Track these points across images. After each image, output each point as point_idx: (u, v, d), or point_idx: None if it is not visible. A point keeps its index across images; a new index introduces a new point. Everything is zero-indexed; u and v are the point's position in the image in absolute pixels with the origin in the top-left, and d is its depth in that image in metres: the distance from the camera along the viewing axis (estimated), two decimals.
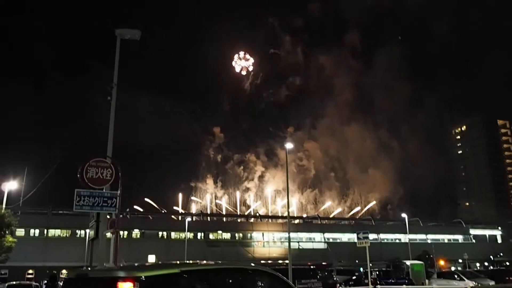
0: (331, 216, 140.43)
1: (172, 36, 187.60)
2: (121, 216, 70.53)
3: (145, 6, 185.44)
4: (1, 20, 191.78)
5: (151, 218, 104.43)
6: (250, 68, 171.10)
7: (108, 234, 21.77)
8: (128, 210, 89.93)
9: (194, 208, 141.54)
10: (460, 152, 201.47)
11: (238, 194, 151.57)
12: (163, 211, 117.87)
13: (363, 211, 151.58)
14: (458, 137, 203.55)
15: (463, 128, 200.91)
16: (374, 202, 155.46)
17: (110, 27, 28.43)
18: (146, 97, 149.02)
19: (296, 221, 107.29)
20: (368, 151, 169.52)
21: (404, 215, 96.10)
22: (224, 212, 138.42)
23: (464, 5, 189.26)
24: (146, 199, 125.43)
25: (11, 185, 47.94)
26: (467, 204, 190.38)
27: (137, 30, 28.73)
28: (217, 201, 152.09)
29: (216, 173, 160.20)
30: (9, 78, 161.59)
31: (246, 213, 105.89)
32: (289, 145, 50.34)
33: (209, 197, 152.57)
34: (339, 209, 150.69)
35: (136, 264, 7.44)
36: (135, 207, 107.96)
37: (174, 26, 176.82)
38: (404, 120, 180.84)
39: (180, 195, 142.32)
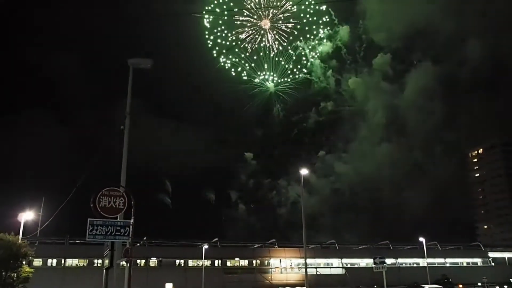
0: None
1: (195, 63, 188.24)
2: (137, 244, 70.52)
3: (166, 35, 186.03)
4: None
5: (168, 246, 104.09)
6: None
7: (123, 263, 21.84)
8: (145, 238, 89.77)
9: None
10: (477, 175, 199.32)
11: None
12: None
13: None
14: (475, 160, 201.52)
15: (480, 151, 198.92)
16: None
17: (123, 57, 28.99)
18: (173, 126, 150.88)
19: (313, 246, 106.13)
20: (399, 173, 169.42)
21: (422, 239, 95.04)
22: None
23: (497, 28, 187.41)
24: None
25: (28, 216, 48.41)
26: (486, 227, 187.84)
27: (149, 59, 29.21)
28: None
29: (249, 199, 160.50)
30: (28, 110, 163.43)
31: (270, 241, 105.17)
32: (304, 171, 50.61)
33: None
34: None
35: None
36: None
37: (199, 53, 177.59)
38: (428, 143, 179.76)
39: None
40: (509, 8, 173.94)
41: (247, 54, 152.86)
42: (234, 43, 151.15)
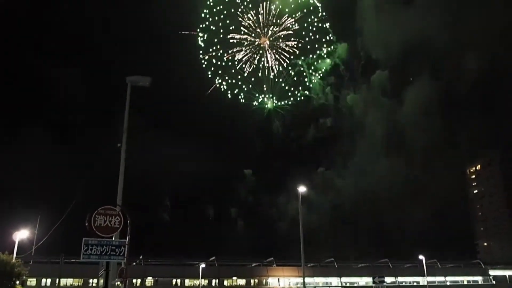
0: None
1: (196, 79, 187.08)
2: (134, 263, 69.58)
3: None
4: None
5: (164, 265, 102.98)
6: None
7: (118, 283, 21.30)
8: (141, 257, 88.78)
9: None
10: (476, 191, 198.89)
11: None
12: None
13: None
14: (473, 176, 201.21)
15: (478, 167, 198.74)
16: None
17: (122, 75, 28.72)
18: (172, 142, 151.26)
19: (311, 265, 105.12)
20: (399, 188, 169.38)
21: (421, 256, 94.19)
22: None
23: (494, 41, 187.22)
24: None
25: (23, 234, 47.76)
26: (485, 244, 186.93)
27: (148, 77, 28.96)
28: None
29: (248, 215, 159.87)
30: (26, 126, 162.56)
31: (268, 259, 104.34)
32: (301, 189, 50.07)
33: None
34: None
35: None
36: None
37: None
38: (427, 159, 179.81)
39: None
40: (507, 20, 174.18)
41: (245, 75, 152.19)
42: (230, 63, 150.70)
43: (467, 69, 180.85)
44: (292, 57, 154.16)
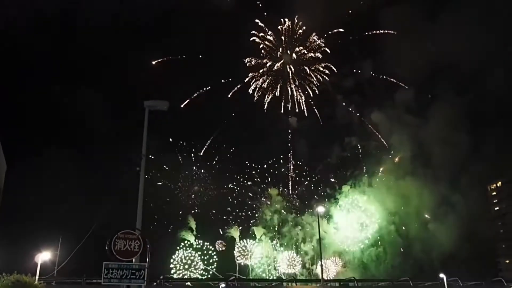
0: None
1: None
2: (154, 283, 69.71)
3: None
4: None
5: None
6: None
7: None
8: (162, 277, 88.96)
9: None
10: (497, 208, 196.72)
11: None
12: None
13: None
14: (494, 193, 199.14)
15: (499, 184, 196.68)
16: None
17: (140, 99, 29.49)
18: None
19: (331, 284, 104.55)
20: (425, 207, 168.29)
21: (442, 275, 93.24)
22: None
23: None
24: None
25: (45, 256, 48.70)
26: (508, 261, 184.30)
27: (165, 101, 29.71)
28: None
29: (274, 235, 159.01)
30: (47, 148, 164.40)
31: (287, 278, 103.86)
32: (320, 209, 50.59)
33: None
34: None
35: None
36: None
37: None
38: (453, 176, 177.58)
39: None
40: None
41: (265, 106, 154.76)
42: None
43: (494, 85, 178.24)
44: (317, 82, 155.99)
